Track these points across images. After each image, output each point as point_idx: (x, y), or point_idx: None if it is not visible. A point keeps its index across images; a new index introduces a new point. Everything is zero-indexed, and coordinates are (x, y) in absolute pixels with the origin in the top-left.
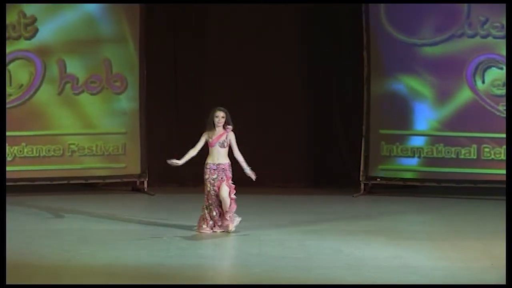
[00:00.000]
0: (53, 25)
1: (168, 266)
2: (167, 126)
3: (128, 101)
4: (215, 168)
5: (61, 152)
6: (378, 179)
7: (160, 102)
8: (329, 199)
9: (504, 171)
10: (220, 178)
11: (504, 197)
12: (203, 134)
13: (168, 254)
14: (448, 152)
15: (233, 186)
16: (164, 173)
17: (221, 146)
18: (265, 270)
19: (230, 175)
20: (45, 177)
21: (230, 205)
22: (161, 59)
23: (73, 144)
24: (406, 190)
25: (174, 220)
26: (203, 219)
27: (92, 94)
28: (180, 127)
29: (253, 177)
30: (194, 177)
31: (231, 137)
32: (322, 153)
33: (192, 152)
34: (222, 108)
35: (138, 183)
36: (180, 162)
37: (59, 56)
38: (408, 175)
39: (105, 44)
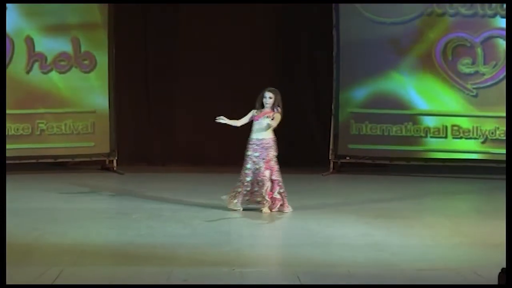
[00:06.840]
0: (22, 4)
1: (137, 245)
2: (137, 105)
3: (97, 80)
4: (258, 143)
5: (30, 130)
6: (348, 158)
7: (129, 80)
8: (299, 178)
9: (474, 148)
10: (262, 158)
11: (474, 175)
12: (251, 111)
13: (137, 233)
14: (417, 130)
15: (275, 167)
16: (133, 151)
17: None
18: (234, 248)
19: (274, 153)
20: (13, 156)
21: (270, 187)
22: (131, 37)
23: (42, 122)
24: (376, 168)
25: (144, 199)
26: (237, 193)
27: (61, 73)
28: (150, 106)
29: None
30: (162, 155)
31: (276, 117)
32: (292, 132)
33: (235, 122)
34: (271, 89)
35: (107, 162)
36: (225, 120)
37: (28, 34)
38: (378, 153)
39: (74, 23)
